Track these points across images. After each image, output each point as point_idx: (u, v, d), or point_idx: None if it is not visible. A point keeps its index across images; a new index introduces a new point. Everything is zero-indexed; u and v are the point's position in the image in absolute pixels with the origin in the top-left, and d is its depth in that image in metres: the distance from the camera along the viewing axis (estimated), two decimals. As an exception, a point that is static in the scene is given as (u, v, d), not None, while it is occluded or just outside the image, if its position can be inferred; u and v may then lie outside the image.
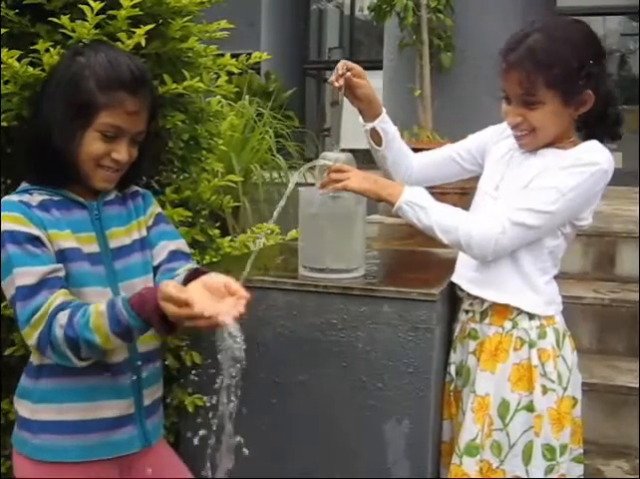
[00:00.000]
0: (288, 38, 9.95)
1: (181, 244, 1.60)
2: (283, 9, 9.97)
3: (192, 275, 1.41)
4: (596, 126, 1.67)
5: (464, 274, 1.79)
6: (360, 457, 1.80)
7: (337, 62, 1.77)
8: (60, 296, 1.35)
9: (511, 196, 1.66)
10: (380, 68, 6.26)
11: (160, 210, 1.64)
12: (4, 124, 1.62)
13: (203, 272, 1.42)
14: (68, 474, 1.45)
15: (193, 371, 1.77)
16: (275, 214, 1.68)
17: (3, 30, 1.59)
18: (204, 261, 2.15)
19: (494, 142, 1.81)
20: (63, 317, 1.33)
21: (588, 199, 1.64)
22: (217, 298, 1.31)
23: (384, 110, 1.87)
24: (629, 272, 3.52)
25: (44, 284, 1.35)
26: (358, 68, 1.78)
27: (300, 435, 1.85)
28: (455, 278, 1.82)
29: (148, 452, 1.54)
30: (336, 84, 1.75)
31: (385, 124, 1.86)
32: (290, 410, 1.84)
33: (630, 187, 5.65)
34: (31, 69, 1.59)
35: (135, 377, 1.49)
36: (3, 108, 1.62)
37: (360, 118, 1.87)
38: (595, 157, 1.61)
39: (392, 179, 1.90)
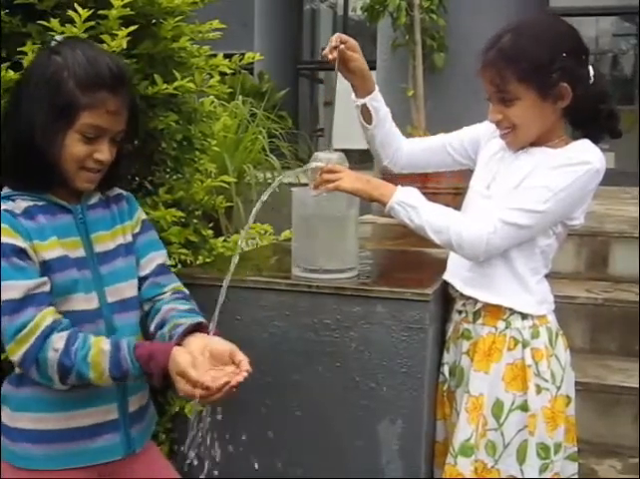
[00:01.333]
0: (281, 38, 9.94)
1: (166, 257, 1.62)
2: (276, 9, 9.97)
3: (193, 329, 1.43)
4: (590, 123, 1.67)
5: (457, 273, 1.79)
6: (353, 457, 1.80)
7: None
8: (49, 316, 1.34)
9: (503, 196, 1.66)
10: (373, 68, 6.24)
11: (144, 215, 1.62)
12: None
13: (204, 327, 1.44)
14: None
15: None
16: (254, 211, 1.64)
17: None
18: (197, 262, 2.15)
19: (488, 138, 1.81)
20: (58, 341, 1.32)
21: (580, 198, 1.64)
22: (219, 365, 1.35)
23: (377, 87, 1.85)
24: (622, 272, 3.53)
25: (30, 300, 1.33)
26: (352, 41, 1.76)
27: (293, 435, 1.84)
28: (448, 277, 1.81)
29: (133, 459, 1.51)
30: (330, 56, 1.73)
31: (377, 102, 1.85)
32: (283, 410, 1.83)
33: (622, 187, 5.67)
34: (11, 73, 1.58)
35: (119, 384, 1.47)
36: None
37: (352, 95, 1.85)
38: (587, 156, 1.62)
39: (380, 160, 1.90)
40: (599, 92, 1.67)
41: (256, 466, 1.87)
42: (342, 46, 1.74)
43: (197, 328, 1.43)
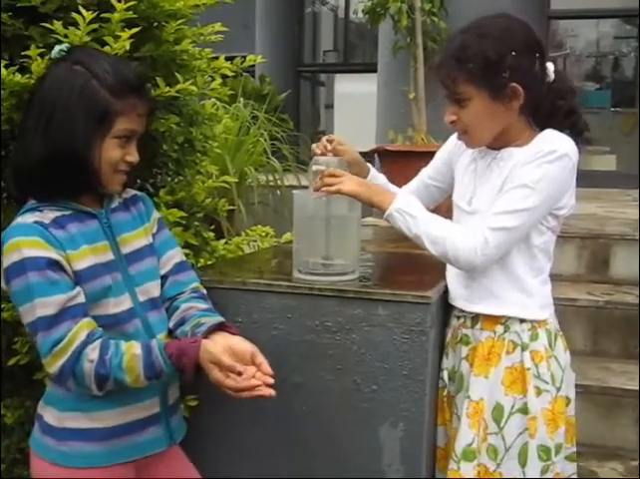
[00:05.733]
0: (282, 41, 9.94)
1: (182, 253, 1.66)
2: (277, 12, 9.96)
3: (216, 329, 1.47)
4: (549, 120, 1.67)
5: (457, 293, 1.79)
6: (355, 459, 1.80)
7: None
8: (84, 329, 1.38)
9: (487, 207, 1.66)
10: (374, 71, 6.26)
11: (159, 214, 1.66)
12: None
13: (227, 327, 1.49)
14: (90, 477, 1.46)
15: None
16: None
17: None
18: (199, 264, 2.15)
19: (459, 153, 1.82)
20: (92, 353, 1.36)
21: (559, 186, 1.63)
22: (241, 364, 1.39)
23: (371, 167, 1.92)
24: (623, 275, 3.53)
25: (65, 314, 1.36)
26: (337, 137, 1.83)
27: (294, 437, 1.84)
28: (451, 300, 1.82)
29: (163, 454, 1.56)
30: (318, 151, 1.80)
31: (376, 179, 1.90)
32: (284, 413, 1.83)
33: (623, 189, 5.67)
34: (18, 76, 1.59)
35: None
36: None
37: None
38: (553, 145, 1.62)
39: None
40: (558, 89, 1.67)
41: (257, 466, 1.87)
42: (332, 145, 1.80)
43: (220, 328, 1.48)
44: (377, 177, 1.93)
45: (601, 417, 2.85)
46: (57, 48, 1.47)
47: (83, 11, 1.60)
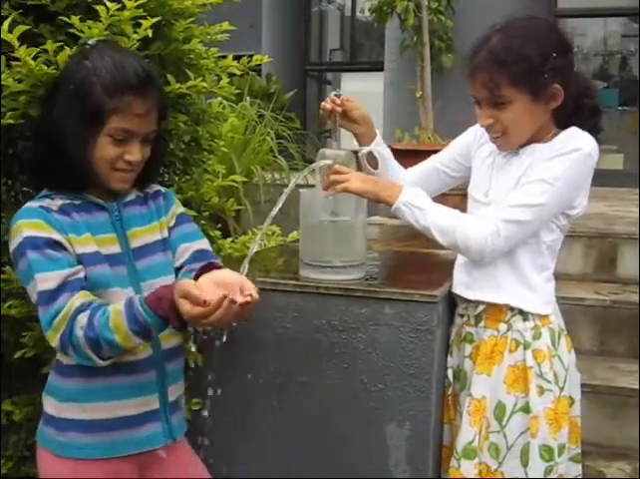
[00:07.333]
0: (289, 40, 9.93)
1: (204, 244, 1.61)
2: (284, 11, 9.96)
3: (206, 269, 1.45)
4: (572, 118, 1.67)
5: (460, 280, 1.79)
6: (361, 458, 1.80)
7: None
8: (79, 298, 1.37)
9: (502, 199, 1.66)
10: (381, 69, 6.26)
11: (182, 209, 1.64)
12: (10, 121, 1.62)
13: (217, 267, 1.46)
14: (90, 470, 1.47)
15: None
16: (271, 214, 1.69)
17: (17, 32, 1.58)
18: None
19: (478, 144, 1.81)
20: (83, 319, 1.35)
21: (576, 185, 1.64)
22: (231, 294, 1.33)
23: (378, 132, 1.88)
24: (630, 274, 3.52)
25: (64, 287, 1.36)
26: (346, 96, 1.80)
27: (301, 437, 1.85)
28: (454, 288, 1.81)
29: (169, 449, 1.56)
30: (328, 106, 1.77)
31: (380, 146, 1.87)
32: (291, 412, 1.84)
33: (631, 188, 5.65)
34: (45, 67, 1.60)
35: (158, 374, 1.51)
36: (9, 106, 1.62)
37: (355, 142, 1.87)
38: (577, 143, 1.62)
39: None
40: (582, 87, 1.67)
41: (263, 466, 1.88)
42: (339, 100, 1.77)
43: (212, 268, 1.45)
44: (381, 143, 1.88)
45: (608, 417, 2.84)
46: (90, 41, 1.50)
47: (108, 2, 1.60)
